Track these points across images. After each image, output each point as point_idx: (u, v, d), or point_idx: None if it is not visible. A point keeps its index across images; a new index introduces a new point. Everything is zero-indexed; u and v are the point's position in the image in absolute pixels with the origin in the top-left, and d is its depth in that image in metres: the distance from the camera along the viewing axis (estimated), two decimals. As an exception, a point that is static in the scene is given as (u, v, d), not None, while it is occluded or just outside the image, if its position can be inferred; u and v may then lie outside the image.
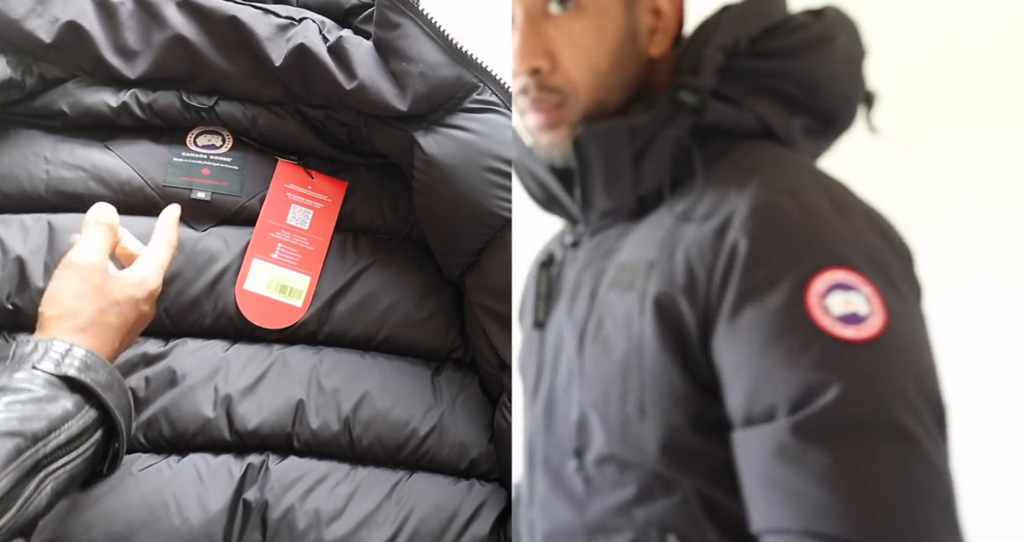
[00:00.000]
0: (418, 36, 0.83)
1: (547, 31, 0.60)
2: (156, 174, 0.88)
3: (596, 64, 0.61)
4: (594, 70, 0.62)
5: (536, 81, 0.62)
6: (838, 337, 0.51)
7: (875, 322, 0.51)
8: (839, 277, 0.52)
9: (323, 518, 0.79)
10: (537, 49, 0.61)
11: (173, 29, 0.86)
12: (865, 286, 0.52)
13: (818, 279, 0.52)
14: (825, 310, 0.51)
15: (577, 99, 0.62)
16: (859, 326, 0.51)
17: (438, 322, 0.89)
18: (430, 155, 0.83)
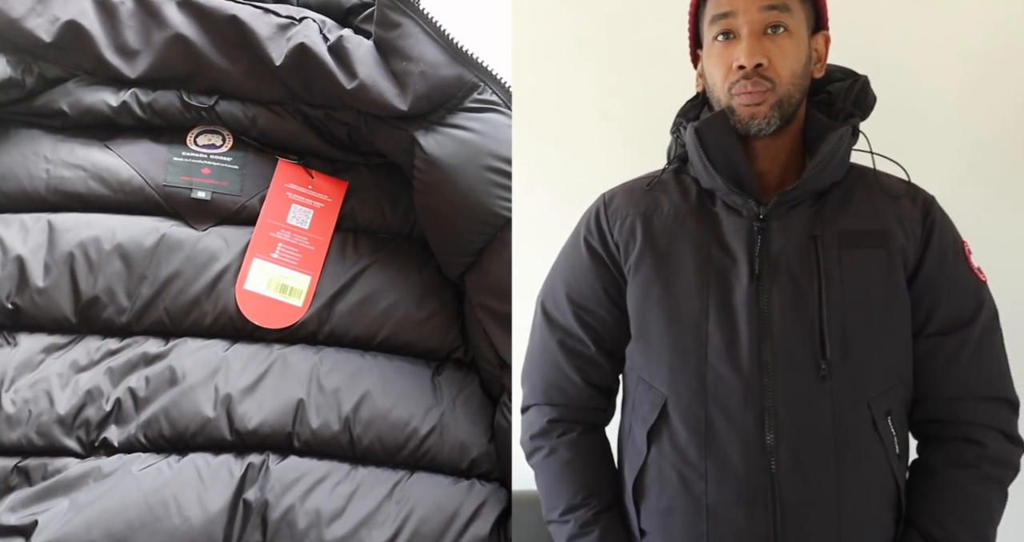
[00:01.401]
0: (418, 36, 0.83)
1: (765, 43, 0.88)
2: (156, 173, 0.88)
3: (794, 69, 0.89)
4: (792, 72, 0.89)
5: (757, 72, 0.88)
6: (983, 280, 0.91)
7: (985, 273, 0.91)
8: (968, 245, 0.91)
9: (323, 518, 0.79)
10: (761, 52, 0.88)
11: (173, 28, 0.86)
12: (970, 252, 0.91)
13: (965, 246, 0.91)
14: (974, 266, 0.90)
15: (779, 89, 0.88)
16: (982, 273, 0.90)
17: (438, 322, 0.89)
18: (431, 154, 0.83)
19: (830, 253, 0.88)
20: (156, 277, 0.84)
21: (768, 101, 0.88)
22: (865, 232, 0.89)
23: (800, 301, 0.86)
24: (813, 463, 0.84)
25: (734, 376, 0.85)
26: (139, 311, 0.84)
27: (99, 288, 0.83)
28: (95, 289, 0.83)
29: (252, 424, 0.81)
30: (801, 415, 0.84)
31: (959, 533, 0.85)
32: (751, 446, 0.84)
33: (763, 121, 0.88)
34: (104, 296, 0.83)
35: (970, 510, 0.86)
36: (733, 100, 0.89)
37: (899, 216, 0.90)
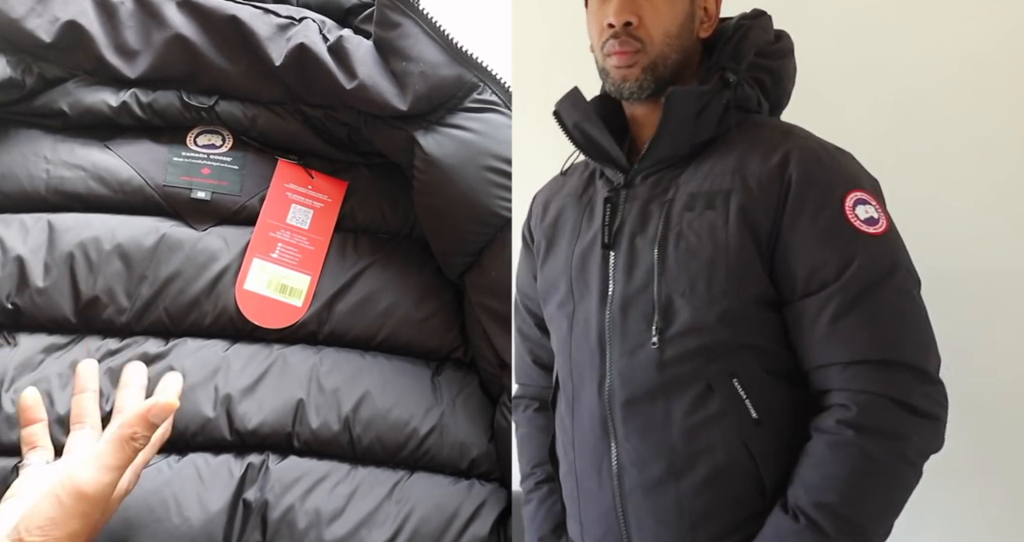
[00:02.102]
0: (418, 36, 0.83)
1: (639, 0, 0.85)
2: (156, 174, 0.88)
3: (668, 28, 0.86)
4: (666, 32, 0.86)
5: (626, 31, 0.86)
6: (865, 232, 0.80)
7: (882, 224, 0.82)
8: (859, 195, 0.82)
9: (323, 518, 0.79)
10: (631, 10, 0.85)
11: (173, 29, 0.86)
12: (872, 200, 0.83)
13: (848, 197, 0.82)
14: (856, 217, 0.81)
15: (651, 49, 0.86)
16: (875, 226, 0.81)
17: (438, 322, 0.89)
18: (430, 155, 0.83)
19: (673, 219, 0.85)
20: (156, 277, 0.84)
21: (640, 63, 0.86)
22: (706, 193, 0.84)
23: (637, 270, 0.85)
24: (644, 430, 0.84)
25: (586, 346, 0.89)
26: (139, 311, 0.84)
27: (99, 288, 0.83)
28: (95, 289, 0.83)
29: (252, 424, 0.81)
30: (632, 384, 0.85)
31: (801, 499, 0.78)
32: (595, 415, 0.88)
33: (634, 84, 0.86)
34: (104, 296, 0.83)
35: (816, 475, 0.78)
36: (606, 61, 0.88)
37: (748, 173, 0.83)
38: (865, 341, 0.79)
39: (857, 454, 0.77)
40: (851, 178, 0.83)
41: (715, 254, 0.82)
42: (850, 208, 0.81)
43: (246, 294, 0.86)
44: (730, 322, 0.82)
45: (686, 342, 0.82)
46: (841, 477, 0.77)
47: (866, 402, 0.78)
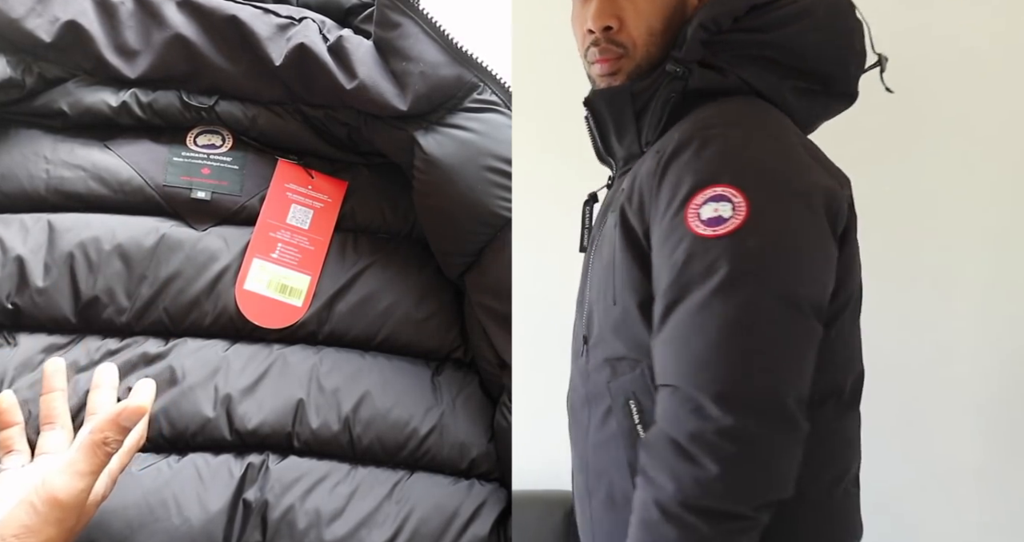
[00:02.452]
0: (418, 36, 0.83)
1: (618, 1, 0.79)
2: (156, 174, 0.88)
3: (651, 26, 0.79)
4: (649, 30, 0.79)
5: (606, 37, 0.80)
6: (699, 234, 0.67)
7: (733, 222, 0.67)
8: (716, 191, 0.69)
9: (323, 518, 0.79)
10: (610, 13, 0.79)
11: (173, 29, 0.86)
12: (737, 197, 0.68)
13: (699, 194, 0.69)
14: (697, 216, 0.68)
15: (635, 53, 0.80)
16: (717, 226, 0.67)
17: (438, 322, 0.89)
18: (430, 155, 0.83)
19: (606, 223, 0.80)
20: (156, 277, 0.84)
21: (624, 68, 0.80)
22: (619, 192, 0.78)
23: (588, 275, 0.83)
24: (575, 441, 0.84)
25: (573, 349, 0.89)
26: (139, 311, 0.84)
27: (99, 288, 0.83)
28: (95, 289, 0.83)
29: (252, 424, 0.81)
30: (573, 392, 0.85)
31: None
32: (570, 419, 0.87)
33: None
34: (104, 296, 0.83)
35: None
36: (591, 69, 0.83)
37: (642, 171, 0.76)
38: (666, 361, 0.69)
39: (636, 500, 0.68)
40: (711, 172, 0.70)
41: (610, 259, 0.77)
42: (696, 205, 0.69)
43: (246, 294, 0.86)
44: (621, 334, 0.75)
45: (597, 353, 0.79)
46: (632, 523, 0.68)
47: (650, 437, 0.68)
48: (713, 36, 0.78)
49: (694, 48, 0.77)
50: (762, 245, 0.67)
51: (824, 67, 0.80)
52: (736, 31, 0.78)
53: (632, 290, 0.73)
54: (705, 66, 0.78)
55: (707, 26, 0.77)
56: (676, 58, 0.77)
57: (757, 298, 0.66)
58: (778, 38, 0.78)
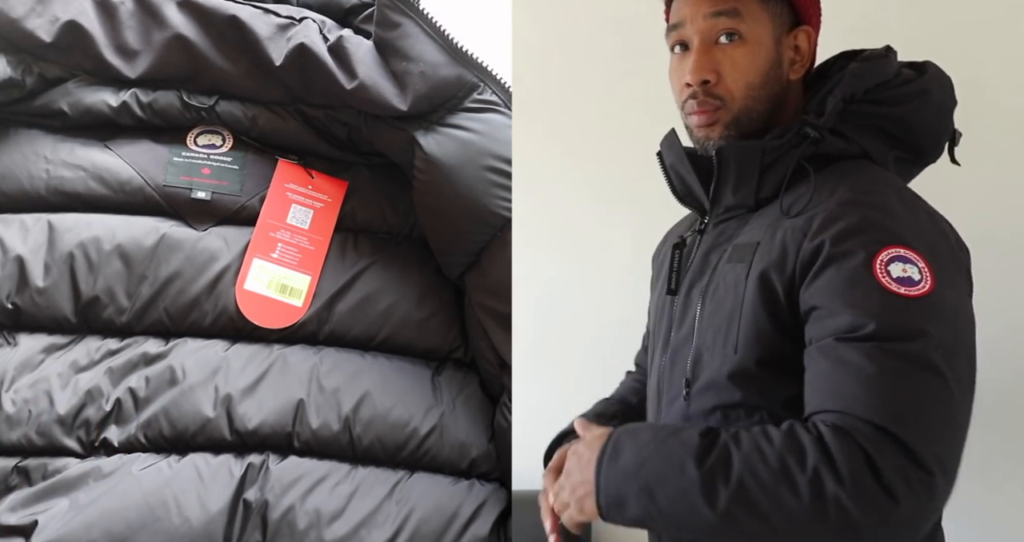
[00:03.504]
0: (418, 36, 0.83)
1: (715, 54, 0.81)
2: (156, 174, 0.88)
3: (750, 81, 0.81)
4: (748, 85, 0.81)
5: (704, 90, 0.81)
6: (893, 291, 0.70)
7: (924, 286, 0.70)
8: (900, 252, 0.71)
9: (323, 518, 0.79)
10: (708, 67, 0.81)
11: (173, 29, 0.86)
12: (920, 261, 0.71)
13: (884, 251, 0.71)
14: (887, 273, 0.70)
15: (732, 105, 0.81)
16: (910, 287, 0.70)
17: (438, 322, 0.89)
18: (430, 155, 0.83)
19: (719, 270, 0.81)
20: (156, 277, 0.84)
21: (721, 120, 0.81)
22: (743, 244, 0.80)
23: (686, 319, 0.83)
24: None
25: (652, 391, 0.89)
26: (139, 311, 0.84)
27: (99, 288, 0.83)
28: (95, 289, 0.83)
29: (252, 424, 0.81)
30: None
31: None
32: None
33: (718, 143, 0.82)
34: (104, 296, 0.83)
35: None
36: (688, 120, 0.84)
37: (781, 223, 0.77)
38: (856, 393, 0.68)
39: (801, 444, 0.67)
40: (891, 232, 0.73)
41: (734, 308, 0.77)
42: (882, 263, 0.71)
43: (246, 294, 0.86)
44: (739, 382, 0.76)
45: (705, 399, 0.79)
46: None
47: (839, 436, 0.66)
48: (846, 106, 0.82)
49: (831, 118, 0.81)
50: (955, 314, 0.71)
51: (924, 142, 0.85)
52: (863, 102, 0.82)
53: (758, 342, 0.75)
54: (834, 132, 0.81)
55: (847, 99, 0.81)
56: (814, 124, 0.80)
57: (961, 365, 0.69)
58: (897, 113, 0.82)
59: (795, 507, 0.64)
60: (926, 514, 0.65)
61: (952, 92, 0.86)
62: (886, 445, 0.64)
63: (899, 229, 0.73)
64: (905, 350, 0.68)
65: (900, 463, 0.64)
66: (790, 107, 0.85)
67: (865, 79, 0.82)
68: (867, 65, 0.82)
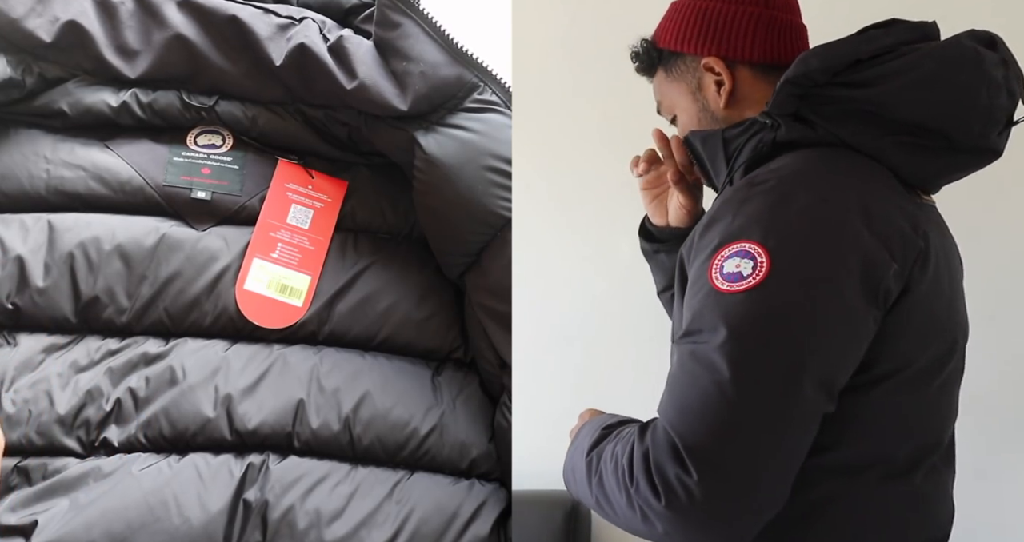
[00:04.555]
0: (419, 36, 0.84)
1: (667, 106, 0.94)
2: (156, 173, 0.88)
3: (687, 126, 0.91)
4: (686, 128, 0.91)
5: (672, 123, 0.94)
6: (716, 288, 0.69)
7: (750, 282, 0.68)
8: (744, 247, 0.69)
9: (323, 518, 0.79)
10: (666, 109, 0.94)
11: (173, 29, 0.86)
12: (762, 256, 0.68)
13: (727, 247, 0.70)
14: (720, 269, 0.69)
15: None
16: (734, 282, 0.68)
17: (438, 322, 0.89)
18: (431, 155, 0.83)
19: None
20: (156, 277, 0.84)
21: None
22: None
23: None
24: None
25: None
26: (139, 311, 0.84)
27: (99, 288, 0.83)
28: (95, 289, 0.83)
29: (252, 424, 0.81)
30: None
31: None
32: None
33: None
34: (104, 296, 0.83)
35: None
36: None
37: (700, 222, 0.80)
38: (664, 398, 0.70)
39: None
40: (741, 227, 0.71)
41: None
42: (722, 257, 0.70)
43: (246, 294, 0.86)
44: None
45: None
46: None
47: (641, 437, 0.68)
48: (808, 90, 0.78)
49: (782, 102, 0.79)
50: (770, 312, 0.67)
51: (935, 123, 0.77)
52: (834, 86, 0.78)
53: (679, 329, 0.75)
54: (799, 119, 0.79)
55: (797, 82, 0.78)
56: (766, 111, 0.80)
57: (754, 365, 0.66)
58: (879, 93, 0.77)
59: (619, 500, 0.68)
60: (700, 515, 0.64)
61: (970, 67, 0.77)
62: (665, 446, 0.65)
63: (751, 223, 0.71)
64: (694, 349, 0.67)
65: (670, 464, 0.64)
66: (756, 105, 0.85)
67: (824, 59, 0.78)
68: (819, 47, 0.80)
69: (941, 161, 0.80)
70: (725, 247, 0.70)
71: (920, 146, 0.78)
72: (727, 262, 0.69)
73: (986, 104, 0.78)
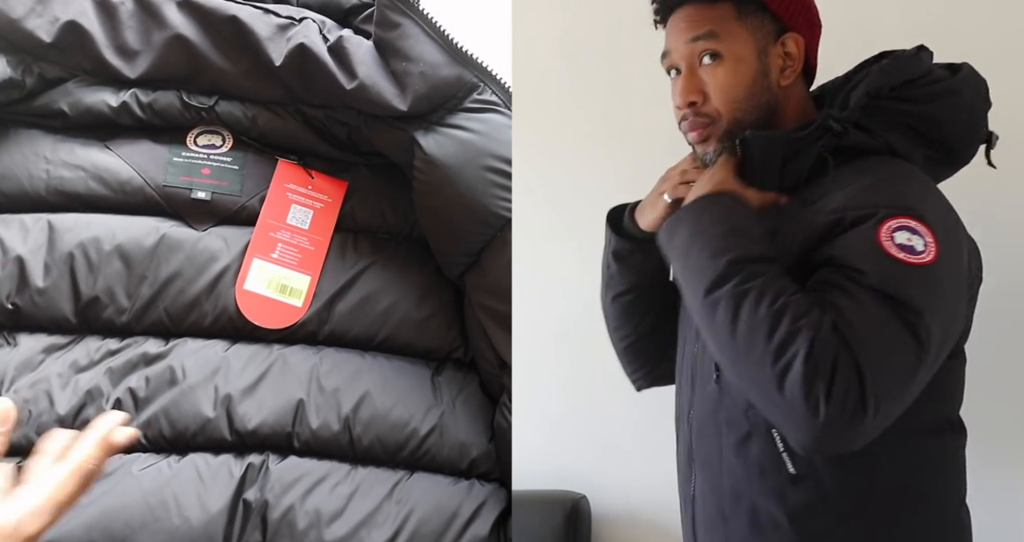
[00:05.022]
0: (418, 36, 0.84)
1: (700, 76, 0.86)
2: (156, 174, 0.88)
3: (733, 96, 0.86)
4: (732, 100, 0.86)
5: (693, 110, 0.87)
6: (892, 255, 0.74)
7: (926, 257, 0.75)
8: (910, 223, 0.76)
9: (323, 518, 0.79)
10: (693, 89, 0.86)
11: (173, 29, 0.86)
12: (928, 236, 0.76)
13: (893, 220, 0.76)
14: (891, 239, 0.75)
15: (721, 121, 0.86)
16: (910, 254, 0.74)
17: (438, 322, 0.89)
18: (430, 155, 0.83)
19: None
20: (156, 277, 0.84)
21: (714, 135, 0.87)
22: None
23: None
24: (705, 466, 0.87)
25: (684, 375, 0.93)
26: (139, 311, 0.84)
27: (99, 288, 0.84)
28: (95, 289, 0.83)
29: (252, 424, 0.81)
30: (701, 418, 0.87)
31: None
32: (685, 441, 0.91)
33: (715, 154, 0.87)
34: (104, 296, 0.84)
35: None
36: (687, 137, 0.90)
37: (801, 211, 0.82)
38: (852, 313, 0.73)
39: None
40: (910, 205, 0.78)
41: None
42: (890, 229, 0.76)
43: (246, 294, 0.86)
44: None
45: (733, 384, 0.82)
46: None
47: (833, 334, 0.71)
48: (870, 101, 0.85)
49: (856, 110, 0.84)
50: (942, 287, 0.76)
51: (954, 142, 0.88)
52: (890, 99, 0.85)
53: None
54: (858, 127, 0.84)
55: (872, 94, 0.84)
56: (837, 117, 0.83)
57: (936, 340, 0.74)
58: (925, 111, 0.85)
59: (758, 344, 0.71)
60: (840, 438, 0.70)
61: (986, 94, 0.89)
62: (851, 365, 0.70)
63: (913, 203, 0.78)
64: (895, 308, 0.72)
65: (850, 384, 0.69)
66: (790, 111, 0.89)
67: (892, 75, 0.85)
68: (895, 61, 0.86)
69: (937, 174, 0.90)
70: (892, 218, 0.76)
71: (936, 160, 0.88)
72: (897, 233, 0.75)
73: (983, 129, 0.90)
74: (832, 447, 0.72)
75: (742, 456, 0.82)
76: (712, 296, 0.75)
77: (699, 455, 0.88)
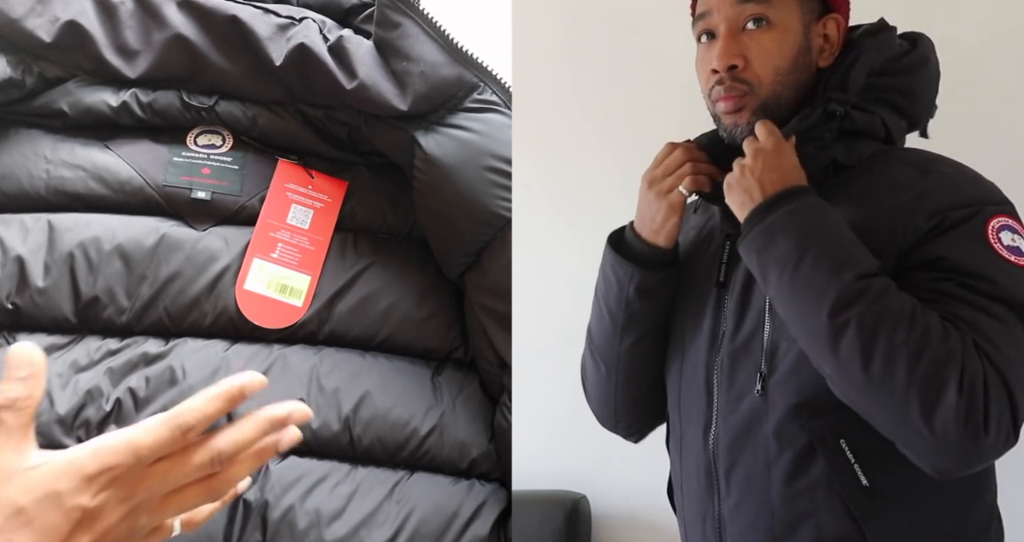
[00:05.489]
0: (418, 36, 0.84)
1: (743, 40, 0.80)
2: (156, 174, 0.88)
3: (778, 65, 0.80)
4: (776, 70, 0.80)
5: (731, 75, 0.80)
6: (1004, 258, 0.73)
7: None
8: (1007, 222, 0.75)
9: (323, 518, 0.79)
10: (735, 52, 0.80)
11: (173, 29, 0.86)
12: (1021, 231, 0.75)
13: (996, 219, 0.75)
14: (998, 240, 0.74)
15: (760, 91, 0.80)
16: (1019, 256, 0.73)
17: (438, 322, 0.89)
18: (431, 155, 0.83)
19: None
20: (156, 277, 0.84)
21: (749, 105, 0.81)
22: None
23: (749, 312, 0.81)
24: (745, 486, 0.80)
25: (694, 390, 0.86)
26: (139, 311, 0.84)
27: (99, 288, 0.83)
28: (95, 289, 0.83)
29: (252, 424, 0.81)
30: (734, 435, 0.81)
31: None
32: (700, 463, 0.84)
33: (746, 128, 0.80)
34: (104, 296, 0.84)
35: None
36: (715, 107, 0.83)
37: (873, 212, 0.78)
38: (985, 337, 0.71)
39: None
40: (1003, 202, 0.77)
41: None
42: (993, 229, 0.74)
43: (246, 294, 0.86)
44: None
45: (788, 392, 0.77)
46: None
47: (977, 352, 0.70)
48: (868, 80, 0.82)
49: (854, 93, 0.81)
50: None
51: (921, 113, 0.86)
52: (880, 75, 0.83)
53: None
54: (854, 107, 0.81)
55: (873, 72, 0.82)
56: (841, 100, 0.80)
57: None
58: (902, 83, 0.83)
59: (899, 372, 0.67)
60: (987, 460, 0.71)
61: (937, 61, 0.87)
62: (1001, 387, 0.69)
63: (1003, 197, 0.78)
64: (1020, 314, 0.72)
65: (1003, 408, 0.68)
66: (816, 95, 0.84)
67: (883, 52, 0.82)
68: (881, 38, 0.83)
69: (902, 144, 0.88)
70: (993, 217, 0.75)
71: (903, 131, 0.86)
72: (1002, 233, 0.74)
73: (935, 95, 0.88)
74: (975, 469, 0.70)
75: (801, 473, 0.77)
76: (840, 318, 0.69)
77: (734, 475, 0.81)
